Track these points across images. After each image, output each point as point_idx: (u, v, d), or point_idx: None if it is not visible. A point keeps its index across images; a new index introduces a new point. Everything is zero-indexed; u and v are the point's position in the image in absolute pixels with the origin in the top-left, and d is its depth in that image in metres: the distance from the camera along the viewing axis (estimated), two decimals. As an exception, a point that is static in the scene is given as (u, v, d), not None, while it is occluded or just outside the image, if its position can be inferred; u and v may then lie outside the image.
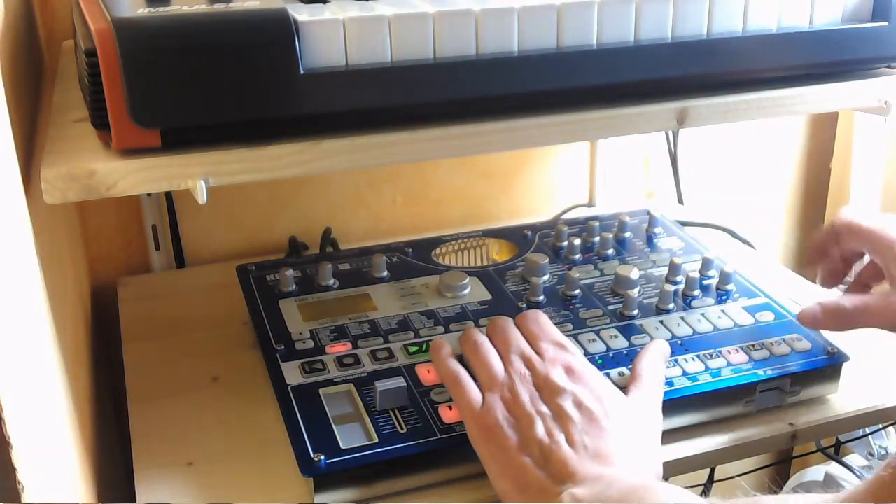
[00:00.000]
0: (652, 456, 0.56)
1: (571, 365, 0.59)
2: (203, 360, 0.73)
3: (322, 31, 0.50)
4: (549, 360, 0.59)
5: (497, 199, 1.05)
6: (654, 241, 0.84)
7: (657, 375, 0.61)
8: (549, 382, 0.57)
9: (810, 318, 0.64)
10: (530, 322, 0.63)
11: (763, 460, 1.13)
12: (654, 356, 0.62)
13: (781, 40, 0.61)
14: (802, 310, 0.65)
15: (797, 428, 0.64)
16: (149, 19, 0.47)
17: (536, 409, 0.55)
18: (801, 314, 0.65)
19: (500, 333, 0.62)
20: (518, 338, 0.62)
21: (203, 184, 0.50)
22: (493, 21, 0.53)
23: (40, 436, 0.42)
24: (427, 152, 0.55)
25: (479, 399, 0.57)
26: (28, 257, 0.46)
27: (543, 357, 0.59)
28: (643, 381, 0.60)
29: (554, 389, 0.56)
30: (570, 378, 0.57)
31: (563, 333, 0.63)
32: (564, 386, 0.56)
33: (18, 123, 0.52)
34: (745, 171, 1.16)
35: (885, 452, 0.99)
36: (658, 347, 0.64)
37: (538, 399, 0.56)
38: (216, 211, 0.94)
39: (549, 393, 0.56)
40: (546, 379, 0.57)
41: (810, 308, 0.64)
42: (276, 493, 0.58)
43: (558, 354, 0.60)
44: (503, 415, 0.55)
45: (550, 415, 0.55)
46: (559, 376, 0.57)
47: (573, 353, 0.60)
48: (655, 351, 0.63)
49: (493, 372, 0.59)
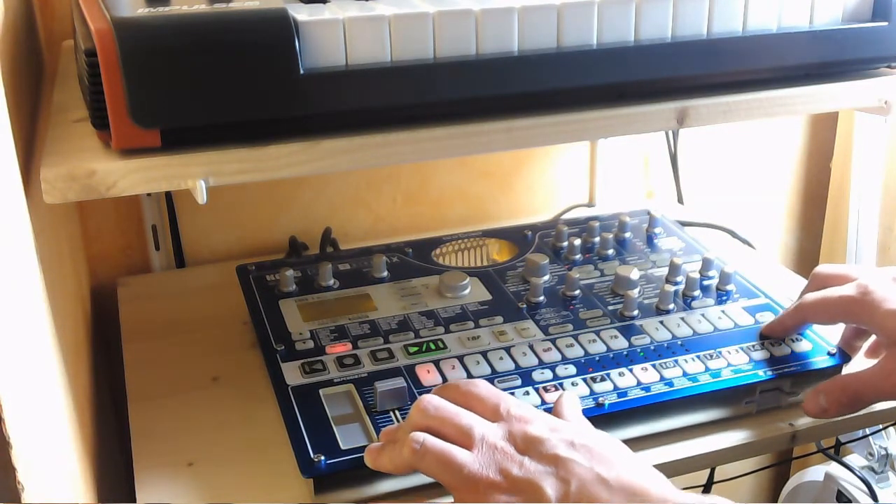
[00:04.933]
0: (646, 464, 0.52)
1: (520, 413, 0.53)
2: (203, 360, 0.73)
3: (322, 31, 0.50)
4: (504, 421, 0.53)
5: (497, 199, 1.05)
6: (654, 241, 0.84)
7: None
8: (528, 437, 0.51)
9: (817, 409, 0.62)
10: (451, 392, 0.57)
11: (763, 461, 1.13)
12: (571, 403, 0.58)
13: (781, 40, 0.61)
14: (806, 401, 0.62)
15: (797, 428, 0.64)
16: (149, 19, 0.47)
17: (537, 470, 0.49)
18: (807, 405, 0.62)
19: (443, 416, 0.54)
20: (460, 415, 0.54)
21: (203, 184, 0.50)
22: (493, 21, 0.53)
23: (40, 436, 0.42)
24: (427, 152, 0.55)
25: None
26: (28, 257, 0.46)
27: (496, 418, 0.53)
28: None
29: (537, 440, 0.51)
30: (533, 423, 0.52)
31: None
32: (544, 435, 0.51)
33: (18, 123, 0.52)
34: (745, 172, 1.16)
35: (885, 452, 0.99)
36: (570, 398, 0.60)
37: (529, 462, 0.50)
38: (216, 211, 0.94)
39: (536, 447, 0.51)
40: (523, 436, 0.51)
41: (813, 398, 0.62)
42: (276, 493, 0.58)
43: (500, 407, 0.54)
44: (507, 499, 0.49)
45: (554, 470, 0.49)
46: (534, 428, 0.52)
47: (505, 398, 0.55)
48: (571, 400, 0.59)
49: (464, 460, 0.51)
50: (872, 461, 0.99)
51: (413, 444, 0.52)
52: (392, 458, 0.53)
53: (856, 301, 0.61)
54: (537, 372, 0.64)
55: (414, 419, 0.54)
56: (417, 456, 0.52)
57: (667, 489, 0.49)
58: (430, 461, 0.51)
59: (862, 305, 0.61)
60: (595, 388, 0.62)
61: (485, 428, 0.52)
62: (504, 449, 0.51)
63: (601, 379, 0.63)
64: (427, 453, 0.51)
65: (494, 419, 0.54)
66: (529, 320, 0.70)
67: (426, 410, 0.54)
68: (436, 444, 0.52)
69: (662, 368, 0.64)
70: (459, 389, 0.56)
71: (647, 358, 0.65)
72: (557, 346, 0.67)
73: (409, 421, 0.54)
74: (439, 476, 0.51)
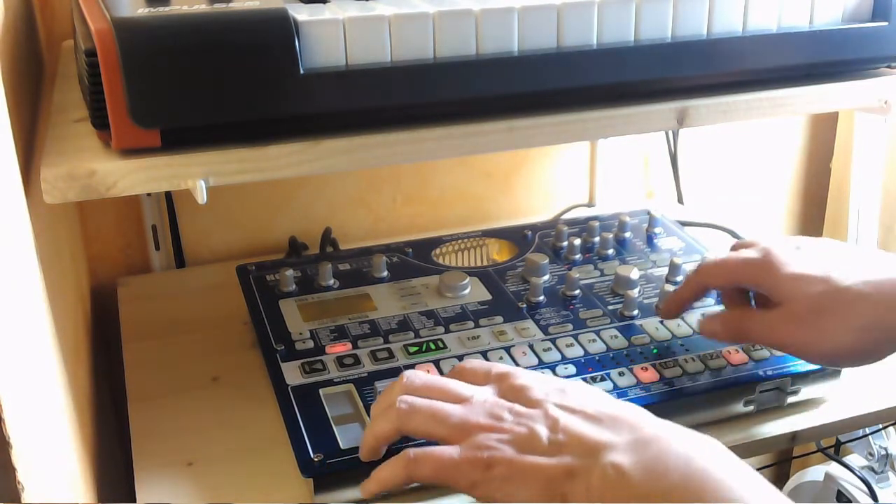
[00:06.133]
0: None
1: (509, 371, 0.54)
2: (203, 360, 0.73)
3: (322, 31, 0.50)
4: (493, 383, 0.54)
5: (497, 199, 1.05)
6: (654, 241, 0.84)
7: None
8: (515, 387, 0.53)
9: (710, 333, 0.63)
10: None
11: (763, 460, 1.13)
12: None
13: (781, 40, 0.61)
14: (703, 323, 0.64)
15: (797, 428, 0.64)
16: (149, 19, 0.47)
17: (528, 413, 0.51)
18: (702, 327, 0.64)
19: (430, 386, 0.54)
20: (448, 382, 0.55)
21: (203, 184, 0.50)
22: (493, 21, 0.53)
23: (40, 436, 0.42)
24: (427, 152, 0.55)
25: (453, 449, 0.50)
26: (28, 257, 0.46)
27: (486, 382, 0.54)
28: None
29: (524, 388, 0.52)
30: (520, 376, 0.54)
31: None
32: (531, 383, 0.53)
33: (18, 123, 0.52)
34: (745, 172, 1.16)
35: (884, 452, 0.99)
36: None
37: (518, 407, 0.51)
38: (216, 211, 0.94)
39: (524, 394, 0.52)
40: (510, 387, 0.53)
41: (710, 322, 0.63)
42: (276, 493, 0.58)
43: (491, 372, 0.55)
44: (497, 438, 0.50)
45: (542, 412, 0.51)
46: (521, 380, 0.53)
47: (494, 364, 0.56)
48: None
49: (454, 410, 0.52)
50: (872, 461, 1.00)
51: (400, 405, 0.52)
52: (376, 432, 0.53)
53: (756, 263, 0.60)
54: (537, 372, 0.64)
55: (397, 392, 0.54)
56: (405, 417, 0.52)
57: (645, 416, 0.50)
58: (419, 419, 0.51)
59: (761, 267, 0.60)
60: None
61: (472, 389, 0.54)
62: (493, 400, 0.52)
63: (601, 379, 0.63)
64: (415, 412, 0.52)
65: (484, 382, 0.55)
66: (529, 320, 0.70)
67: (411, 384, 0.54)
68: (424, 402, 0.52)
69: (662, 368, 0.64)
70: (454, 370, 0.58)
71: (647, 358, 0.65)
72: (557, 345, 0.67)
73: (392, 392, 0.54)
74: (429, 430, 0.51)
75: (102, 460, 0.66)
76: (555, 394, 0.52)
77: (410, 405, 0.52)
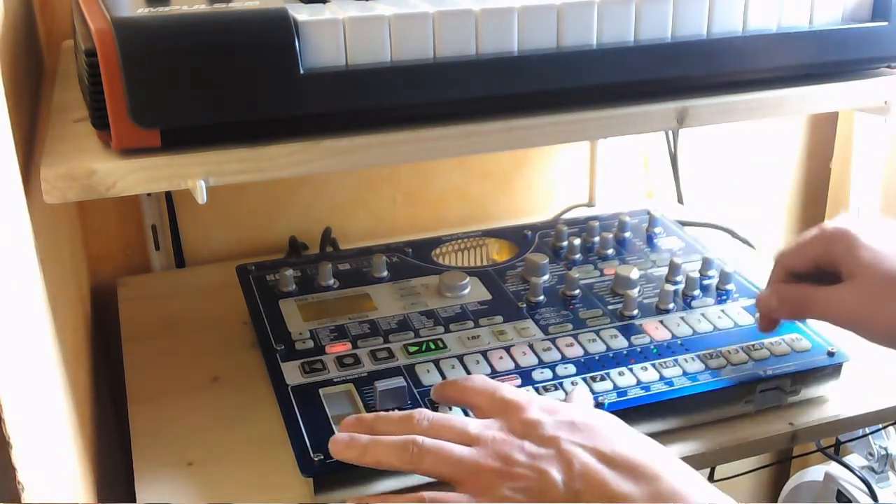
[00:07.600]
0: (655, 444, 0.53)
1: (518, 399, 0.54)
2: (203, 360, 0.73)
3: (322, 31, 0.50)
4: (500, 412, 0.53)
5: (496, 199, 1.05)
6: (654, 241, 0.84)
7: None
8: (526, 422, 0.51)
9: (766, 308, 0.65)
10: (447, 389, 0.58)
11: (763, 460, 1.13)
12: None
13: (781, 40, 0.61)
14: (760, 299, 0.65)
15: (797, 428, 0.64)
16: (149, 19, 0.47)
17: (539, 454, 0.50)
18: (759, 302, 0.65)
19: (437, 425, 0.54)
20: (452, 419, 0.54)
21: (203, 184, 0.50)
22: (493, 21, 0.53)
23: (40, 436, 0.42)
24: (427, 152, 0.55)
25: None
26: (28, 257, 0.46)
27: (492, 409, 0.54)
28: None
29: (535, 424, 0.51)
30: (529, 408, 0.53)
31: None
32: (541, 417, 0.51)
33: (18, 123, 0.52)
34: (745, 171, 1.16)
35: (884, 452, 0.99)
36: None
37: (530, 445, 0.50)
38: (216, 211, 0.94)
39: (535, 431, 0.51)
40: (520, 421, 0.52)
41: (767, 299, 0.64)
42: (276, 493, 0.58)
43: (496, 394, 0.54)
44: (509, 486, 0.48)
45: (555, 452, 0.49)
46: (530, 413, 0.52)
47: (501, 386, 0.56)
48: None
49: (464, 453, 0.51)
50: (872, 461, 1.00)
51: (410, 448, 0.52)
52: (380, 457, 0.53)
53: (834, 235, 0.60)
54: (537, 371, 0.64)
55: (405, 430, 0.54)
56: (416, 458, 0.51)
57: (663, 462, 0.50)
58: (430, 461, 0.51)
59: (840, 239, 0.60)
60: (595, 388, 0.62)
61: (481, 425, 0.53)
62: (503, 438, 0.51)
63: (601, 378, 0.63)
64: (426, 454, 0.51)
65: (490, 409, 0.54)
66: (529, 320, 0.70)
67: (420, 423, 0.54)
68: (433, 443, 0.52)
69: (662, 368, 0.64)
70: (456, 385, 0.57)
71: (646, 357, 0.65)
72: (557, 345, 0.67)
73: (400, 426, 0.54)
74: (441, 472, 0.51)
75: (102, 460, 0.66)
76: (566, 428, 0.51)
77: (420, 447, 0.51)
